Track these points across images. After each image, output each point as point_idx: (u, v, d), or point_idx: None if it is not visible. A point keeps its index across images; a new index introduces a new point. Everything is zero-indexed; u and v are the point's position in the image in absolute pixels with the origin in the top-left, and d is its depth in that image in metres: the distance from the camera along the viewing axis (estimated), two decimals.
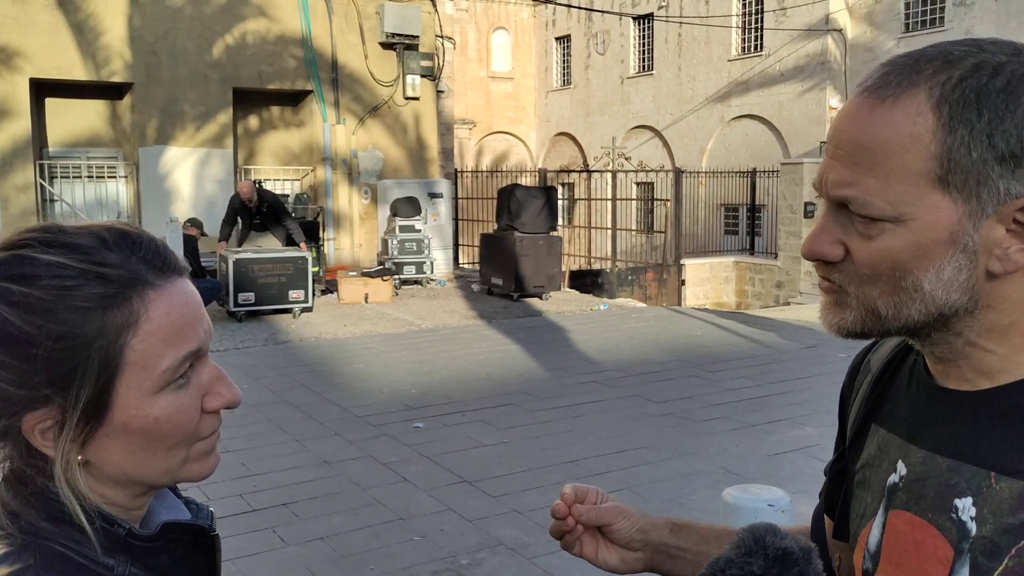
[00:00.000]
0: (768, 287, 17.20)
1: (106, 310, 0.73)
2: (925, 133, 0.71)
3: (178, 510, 0.89)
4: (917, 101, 0.71)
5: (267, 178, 15.16)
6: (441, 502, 4.95)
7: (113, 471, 0.77)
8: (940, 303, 0.74)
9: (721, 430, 6.26)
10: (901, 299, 0.75)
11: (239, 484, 5.22)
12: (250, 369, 8.19)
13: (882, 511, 0.85)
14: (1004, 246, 0.72)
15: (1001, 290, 0.74)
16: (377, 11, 14.83)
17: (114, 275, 0.74)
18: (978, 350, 0.77)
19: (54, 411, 0.73)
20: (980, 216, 0.71)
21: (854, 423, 0.94)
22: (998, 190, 0.70)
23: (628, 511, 1.07)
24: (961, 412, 0.78)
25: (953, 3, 18.02)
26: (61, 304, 0.72)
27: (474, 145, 28.50)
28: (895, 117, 0.72)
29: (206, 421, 0.81)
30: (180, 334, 0.77)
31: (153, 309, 0.75)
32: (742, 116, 22.30)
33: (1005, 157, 0.70)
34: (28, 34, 12.55)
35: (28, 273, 0.73)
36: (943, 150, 0.71)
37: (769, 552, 0.80)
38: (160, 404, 0.76)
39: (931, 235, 0.72)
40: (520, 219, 12.56)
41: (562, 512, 1.05)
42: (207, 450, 0.82)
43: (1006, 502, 0.72)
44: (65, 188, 13.65)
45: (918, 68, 0.73)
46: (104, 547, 0.76)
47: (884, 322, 0.77)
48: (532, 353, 9.01)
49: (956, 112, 0.70)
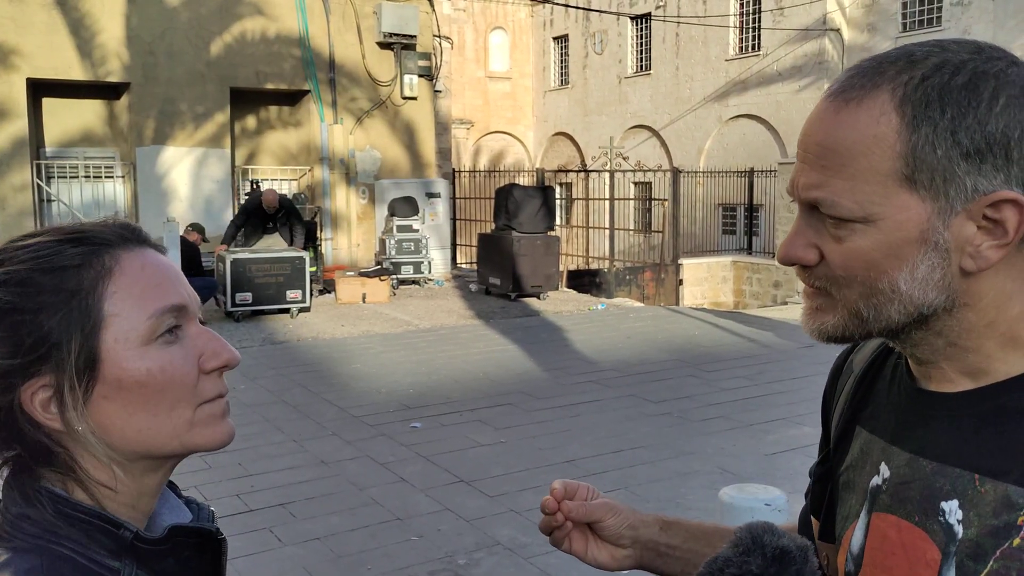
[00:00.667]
0: (766, 287, 17.22)
1: (80, 267, 0.77)
2: (889, 133, 0.71)
3: (180, 511, 0.88)
4: (880, 102, 0.72)
5: (264, 178, 15.14)
6: (438, 502, 4.95)
7: (119, 441, 0.77)
8: (918, 302, 0.74)
9: (718, 430, 6.27)
10: (880, 300, 0.75)
11: (236, 484, 5.22)
12: (247, 369, 8.19)
13: (864, 513, 0.84)
14: (976, 243, 0.72)
15: (977, 288, 0.74)
16: (374, 11, 14.83)
17: (86, 238, 0.79)
18: (959, 350, 0.77)
19: (48, 377, 0.75)
20: (949, 214, 0.72)
21: (838, 424, 0.94)
22: (965, 187, 0.71)
23: (618, 508, 1.06)
24: (943, 415, 0.78)
25: (950, 3, 18.05)
26: (38, 270, 0.76)
27: (472, 145, 28.50)
28: (859, 118, 0.72)
29: (207, 383, 0.81)
30: (159, 288, 0.79)
31: (126, 263, 0.79)
32: (740, 116, 22.32)
33: (970, 154, 0.70)
34: (25, 34, 12.54)
35: (6, 258, 0.78)
36: (908, 149, 0.71)
37: (767, 551, 0.80)
38: (151, 355, 0.77)
39: (901, 234, 0.73)
40: (518, 219, 12.56)
41: (551, 508, 1.05)
42: (216, 414, 0.82)
43: (990, 504, 0.72)
44: (62, 188, 13.64)
45: (881, 70, 0.73)
46: (110, 550, 0.76)
47: (866, 324, 0.77)
48: (530, 353, 9.01)
49: (919, 111, 0.71)
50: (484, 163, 27.18)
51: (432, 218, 15.08)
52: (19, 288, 0.75)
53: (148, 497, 0.82)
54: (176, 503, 0.89)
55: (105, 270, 0.77)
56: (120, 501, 0.79)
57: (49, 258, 0.77)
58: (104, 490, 0.77)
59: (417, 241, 13.97)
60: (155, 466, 0.81)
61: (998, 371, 0.76)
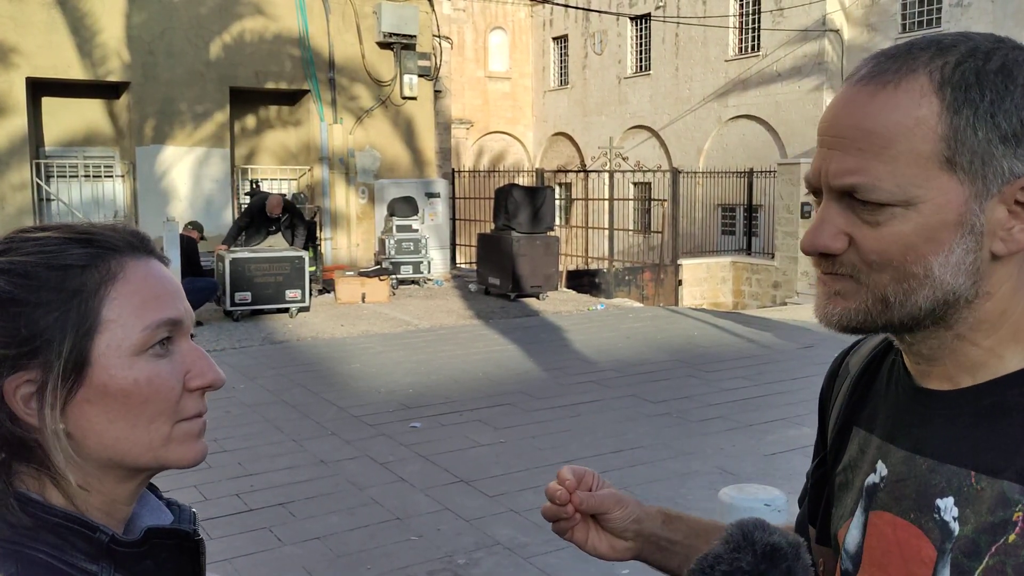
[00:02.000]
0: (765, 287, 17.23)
1: (85, 268, 0.77)
2: (931, 115, 0.72)
3: (160, 512, 0.88)
4: (919, 84, 0.72)
5: (264, 177, 15.15)
6: (438, 502, 4.95)
7: (94, 446, 0.77)
8: (948, 288, 0.74)
9: (718, 430, 6.27)
10: (911, 285, 0.74)
11: (236, 484, 5.22)
12: (247, 369, 8.18)
13: (861, 511, 0.85)
14: (1007, 226, 0.73)
15: (1000, 275, 0.75)
16: (374, 10, 14.83)
17: (95, 240, 0.79)
18: (965, 343, 0.77)
19: (35, 373, 0.74)
20: (985, 197, 0.72)
21: (835, 426, 0.94)
22: (1002, 170, 0.71)
23: (624, 500, 1.06)
24: (940, 412, 0.79)
25: (950, 4, 18.06)
26: (43, 265, 0.76)
27: (471, 145, 28.49)
28: (899, 101, 0.72)
29: (188, 401, 0.81)
30: (158, 300, 0.79)
31: (131, 271, 0.79)
32: (739, 116, 22.32)
33: (1008, 137, 0.71)
34: (25, 33, 12.54)
35: (13, 247, 0.78)
36: (950, 131, 0.71)
37: (757, 548, 0.80)
38: (140, 366, 0.77)
39: (940, 217, 0.72)
40: (517, 219, 12.56)
41: (563, 499, 1.03)
42: (192, 432, 0.81)
43: (986, 501, 0.72)
44: (62, 187, 13.63)
45: (912, 55, 0.74)
46: (87, 554, 0.75)
47: (890, 310, 0.76)
48: (529, 353, 9.01)
49: (959, 94, 0.71)
50: (484, 163, 27.19)
51: (432, 218, 15.08)
52: (22, 280, 0.75)
53: (122, 505, 0.82)
54: (156, 505, 0.89)
55: (110, 275, 0.78)
56: (94, 506, 0.78)
57: (55, 255, 0.77)
58: (79, 491, 0.77)
59: (417, 241, 13.97)
60: (127, 476, 0.80)
61: (998, 366, 0.76)
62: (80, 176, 13.68)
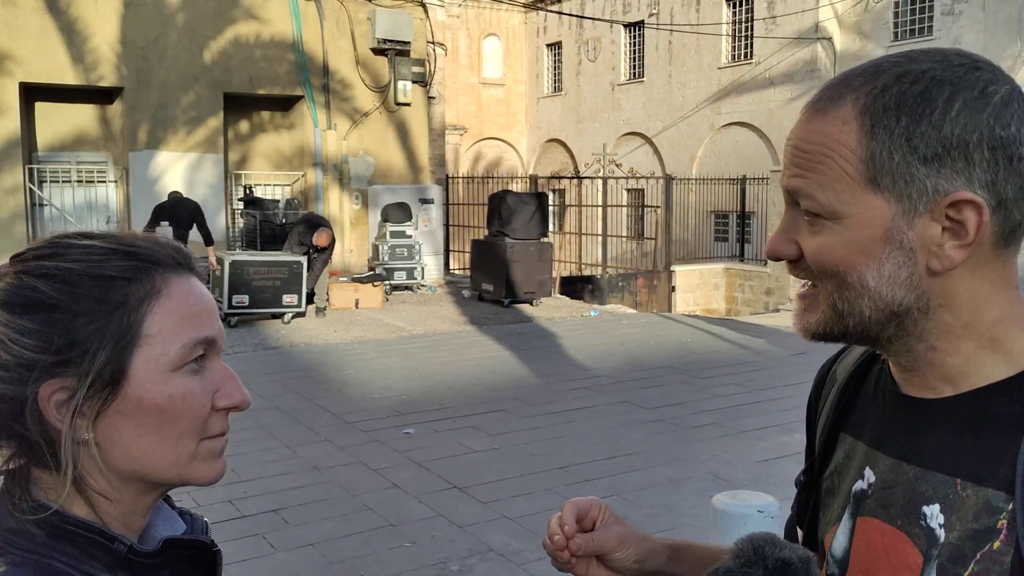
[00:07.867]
0: (758, 294, 17.26)
1: (129, 281, 0.77)
2: (851, 140, 0.76)
3: (173, 521, 0.88)
4: (843, 112, 0.77)
5: (258, 183, 15.14)
6: (431, 508, 4.95)
7: (121, 458, 0.77)
8: (887, 299, 0.77)
9: (711, 436, 6.28)
10: (851, 295, 0.78)
11: (229, 490, 5.20)
12: (240, 374, 8.01)
13: (847, 517, 0.86)
14: (939, 243, 0.75)
15: (950, 289, 0.76)
16: (368, 17, 14.84)
17: (140, 253, 0.79)
18: (940, 354, 0.78)
19: (70, 380, 0.74)
20: (913, 215, 0.75)
21: (822, 433, 0.95)
22: (926, 189, 0.74)
23: (628, 539, 1.02)
24: (926, 420, 0.80)
25: (941, 12, 18.15)
26: (87, 274, 0.76)
27: (465, 151, 28.50)
28: (826, 127, 0.78)
29: (215, 419, 0.82)
30: (198, 318, 0.80)
31: (174, 288, 0.79)
32: (732, 123, 22.38)
33: (928, 158, 0.74)
34: (18, 38, 12.51)
35: (59, 252, 0.78)
36: (868, 155, 0.75)
37: (768, 563, 0.80)
38: (175, 382, 0.78)
39: (866, 232, 0.76)
40: (511, 225, 12.58)
41: (559, 544, 1.00)
42: (215, 451, 0.83)
43: (971, 509, 0.74)
44: (55, 192, 13.59)
45: (848, 82, 0.79)
46: (104, 563, 0.75)
47: (843, 319, 0.80)
48: (523, 359, 9.02)
49: (877, 120, 0.75)
50: (478, 169, 27.19)
51: (425, 224, 15.08)
52: (66, 287, 0.75)
53: (139, 516, 0.82)
54: (170, 514, 0.89)
55: (154, 290, 0.78)
56: (113, 516, 0.78)
57: (99, 264, 0.77)
58: (101, 500, 0.77)
59: (410, 247, 13.97)
60: (147, 489, 0.81)
61: (978, 376, 0.77)
62: (73, 181, 13.64)
